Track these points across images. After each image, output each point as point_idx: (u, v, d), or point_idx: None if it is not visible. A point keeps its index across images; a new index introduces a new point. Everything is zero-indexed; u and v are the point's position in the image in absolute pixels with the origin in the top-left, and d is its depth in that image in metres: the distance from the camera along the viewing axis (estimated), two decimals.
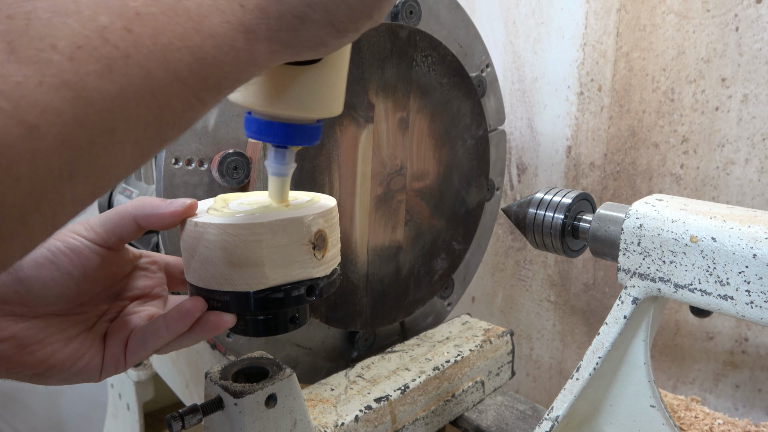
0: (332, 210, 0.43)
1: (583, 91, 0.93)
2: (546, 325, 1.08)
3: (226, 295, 0.39)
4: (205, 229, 0.39)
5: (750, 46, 0.73)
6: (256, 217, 0.39)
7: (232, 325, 0.41)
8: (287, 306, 0.41)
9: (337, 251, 0.45)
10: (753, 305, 0.43)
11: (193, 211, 0.41)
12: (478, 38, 0.79)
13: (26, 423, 1.36)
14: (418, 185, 0.72)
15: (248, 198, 0.45)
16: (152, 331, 0.39)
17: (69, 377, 0.38)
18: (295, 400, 0.52)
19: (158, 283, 0.46)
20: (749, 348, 0.79)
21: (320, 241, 0.41)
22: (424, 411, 0.67)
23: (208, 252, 0.39)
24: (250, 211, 0.41)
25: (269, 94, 0.36)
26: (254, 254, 0.38)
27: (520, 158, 1.06)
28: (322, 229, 0.41)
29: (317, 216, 0.41)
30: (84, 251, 0.38)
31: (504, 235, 1.13)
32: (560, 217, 0.56)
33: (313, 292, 0.42)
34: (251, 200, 0.44)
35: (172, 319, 0.39)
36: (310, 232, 0.40)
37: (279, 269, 0.39)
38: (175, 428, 0.45)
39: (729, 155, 0.77)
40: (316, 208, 0.42)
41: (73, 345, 0.38)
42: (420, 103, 0.69)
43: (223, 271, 0.39)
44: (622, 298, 0.51)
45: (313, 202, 0.44)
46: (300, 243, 0.40)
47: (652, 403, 0.53)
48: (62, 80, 0.21)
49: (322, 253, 0.41)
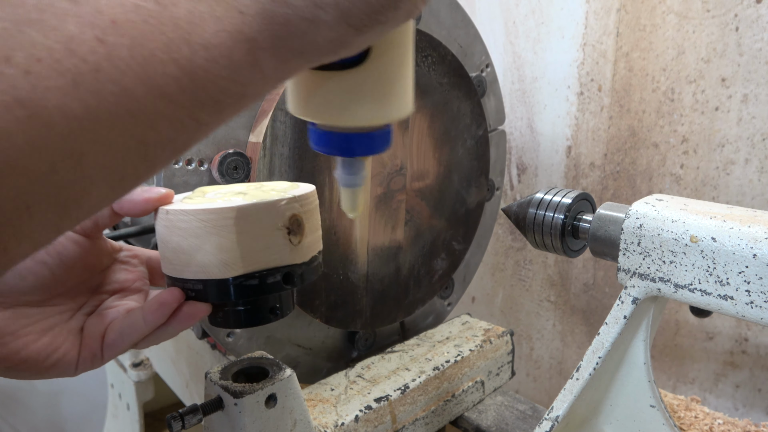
0: (309, 195, 0.42)
1: (583, 91, 0.93)
2: (546, 325, 1.08)
3: (199, 284, 0.39)
4: (176, 216, 0.38)
5: (750, 46, 0.73)
6: (227, 201, 0.39)
7: (206, 313, 0.40)
8: (263, 293, 0.40)
9: (317, 238, 0.44)
10: (753, 305, 0.43)
11: (169, 200, 0.41)
12: (478, 38, 0.79)
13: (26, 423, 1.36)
14: (418, 185, 0.72)
15: (227, 188, 0.45)
16: (129, 323, 0.39)
17: (43, 371, 0.37)
18: (295, 400, 0.52)
19: (139, 277, 0.45)
20: (749, 348, 0.79)
21: (296, 226, 0.40)
22: (424, 411, 0.67)
23: (180, 240, 0.38)
24: (224, 199, 0.40)
25: (320, 105, 0.33)
26: (226, 239, 0.38)
27: (520, 158, 1.06)
28: (298, 213, 0.41)
29: (292, 200, 0.40)
30: (59, 238, 0.37)
31: (504, 235, 1.13)
32: (560, 217, 0.56)
33: (291, 279, 0.41)
34: (230, 190, 0.44)
35: (149, 311, 0.38)
36: (284, 216, 0.40)
37: (253, 255, 0.39)
38: (175, 428, 0.45)
39: (729, 155, 0.77)
40: (293, 193, 0.41)
41: (47, 337, 0.37)
42: (420, 103, 0.69)
43: (195, 258, 0.38)
44: (622, 298, 0.51)
45: (291, 188, 0.44)
46: (274, 228, 0.39)
47: (652, 403, 0.53)
48: (14, 97, 0.19)
49: (298, 239, 0.41)
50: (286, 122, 0.58)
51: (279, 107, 0.57)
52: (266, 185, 0.45)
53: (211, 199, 0.41)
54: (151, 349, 1.04)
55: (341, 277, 0.66)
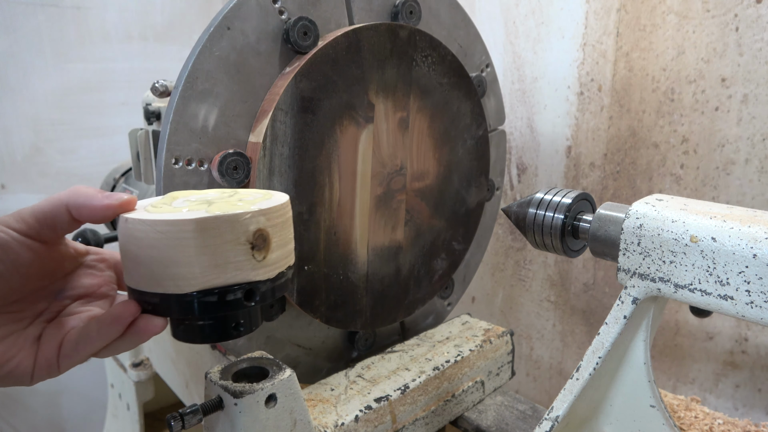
0: (278, 208, 0.40)
1: (583, 91, 0.93)
2: (546, 325, 1.08)
3: (155, 297, 0.37)
4: (134, 225, 0.37)
5: (750, 46, 0.73)
6: (186, 213, 0.37)
7: (161, 330, 0.39)
8: (222, 311, 0.38)
9: (287, 252, 0.42)
10: (753, 305, 0.43)
11: (131, 206, 0.39)
12: (478, 38, 0.79)
13: (26, 423, 1.36)
14: (418, 185, 0.72)
15: (198, 195, 0.43)
16: (85, 335, 0.38)
17: None
18: (295, 400, 0.52)
19: (105, 282, 0.44)
20: (749, 348, 0.79)
21: (261, 241, 0.39)
22: (424, 411, 0.67)
23: (137, 250, 0.37)
24: (189, 208, 0.39)
25: None
26: (183, 253, 0.36)
27: (520, 158, 1.06)
28: (263, 228, 0.39)
29: (257, 214, 0.38)
30: (12, 245, 0.36)
31: (504, 235, 1.13)
32: (560, 217, 0.56)
33: (253, 297, 0.39)
34: (200, 197, 0.42)
35: (104, 324, 0.37)
36: (247, 231, 0.38)
37: (211, 270, 0.37)
38: (175, 428, 0.45)
39: (729, 155, 0.77)
40: (260, 205, 0.39)
41: (2, 346, 0.36)
42: (420, 103, 0.69)
43: (152, 270, 0.37)
44: (622, 298, 0.50)
45: (262, 199, 0.42)
46: (235, 243, 0.37)
47: (652, 403, 0.53)
48: None
49: (263, 255, 0.39)
50: (286, 122, 0.58)
51: (279, 107, 0.57)
52: (241, 193, 0.44)
53: (176, 209, 0.39)
54: (151, 349, 1.04)
55: (341, 277, 0.66)
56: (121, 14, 1.34)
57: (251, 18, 0.57)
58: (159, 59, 1.41)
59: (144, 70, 1.39)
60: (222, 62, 0.55)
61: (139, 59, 1.39)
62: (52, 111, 1.28)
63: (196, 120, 0.55)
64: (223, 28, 0.55)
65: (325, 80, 0.60)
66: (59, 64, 1.27)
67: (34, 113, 1.26)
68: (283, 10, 0.59)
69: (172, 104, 0.53)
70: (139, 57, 1.39)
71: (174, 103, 0.53)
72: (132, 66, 1.38)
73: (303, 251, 0.62)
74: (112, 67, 1.35)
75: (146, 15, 1.38)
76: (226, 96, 0.56)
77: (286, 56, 0.60)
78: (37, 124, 1.27)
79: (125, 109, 1.37)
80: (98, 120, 1.35)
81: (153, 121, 0.77)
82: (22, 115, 1.25)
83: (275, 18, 0.58)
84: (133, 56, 1.38)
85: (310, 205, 0.61)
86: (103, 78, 1.34)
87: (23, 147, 1.26)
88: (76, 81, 1.30)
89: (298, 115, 0.59)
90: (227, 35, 0.55)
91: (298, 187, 0.60)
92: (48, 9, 1.24)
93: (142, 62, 1.39)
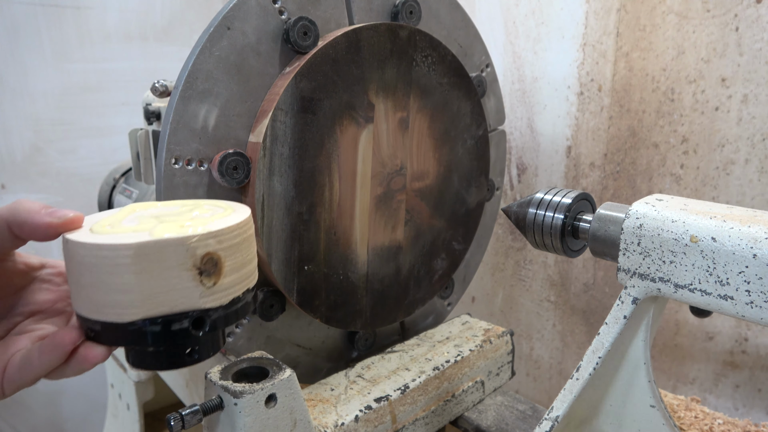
0: (232, 228, 0.37)
1: (583, 91, 0.93)
2: (546, 325, 1.08)
3: (97, 325, 0.35)
4: (74, 248, 0.34)
5: (750, 46, 0.72)
6: (126, 236, 0.34)
7: (102, 360, 0.37)
8: (168, 341, 0.36)
9: (245, 275, 0.39)
10: (753, 305, 0.43)
11: (76, 225, 0.37)
12: (478, 38, 0.79)
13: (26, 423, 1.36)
14: (418, 185, 0.72)
15: (156, 210, 0.41)
16: (27, 361, 0.36)
17: None
18: (295, 400, 0.52)
19: (61, 297, 0.41)
20: (749, 348, 0.79)
21: (210, 266, 0.36)
22: (424, 411, 0.67)
23: (78, 274, 0.35)
24: (134, 228, 0.36)
25: None
26: (122, 280, 0.34)
27: (520, 158, 1.06)
28: (213, 252, 0.36)
29: (205, 237, 0.35)
30: None
31: (504, 235, 1.13)
32: (560, 217, 0.56)
33: (202, 326, 0.36)
34: (155, 213, 0.40)
35: (44, 352, 0.35)
36: (194, 255, 0.35)
37: (155, 298, 0.34)
38: (175, 428, 0.45)
39: (729, 155, 0.77)
40: (210, 227, 0.36)
41: None
42: (420, 103, 0.69)
43: (92, 297, 0.35)
44: (622, 298, 0.50)
45: (219, 216, 0.39)
46: (181, 268, 0.35)
47: (652, 403, 0.53)
48: None
49: (213, 280, 0.36)
50: (286, 122, 0.58)
51: (279, 107, 0.57)
52: (202, 206, 0.42)
53: (121, 230, 0.36)
54: None
55: (341, 277, 0.66)
56: (121, 14, 1.34)
57: (251, 18, 0.57)
58: (159, 59, 1.41)
59: (144, 70, 1.39)
60: (222, 62, 0.55)
61: (139, 59, 1.39)
62: (52, 111, 1.28)
63: (196, 120, 0.55)
64: (223, 28, 0.55)
65: (325, 80, 0.60)
66: (59, 64, 1.27)
67: (34, 113, 1.26)
68: (283, 10, 0.59)
69: (172, 104, 0.53)
70: (139, 57, 1.39)
71: (174, 103, 0.53)
72: (132, 66, 1.38)
73: (303, 251, 0.62)
74: (112, 67, 1.35)
75: (146, 15, 1.38)
76: (226, 96, 0.56)
77: (286, 56, 0.60)
78: (37, 124, 1.27)
79: (125, 109, 1.37)
80: (98, 120, 1.35)
81: (153, 121, 0.77)
82: (22, 115, 1.25)
83: (275, 18, 0.58)
84: (133, 56, 1.38)
85: (310, 205, 0.61)
86: (103, 78, 1.34)
87: (23, 147, 1.26)
88: (76, 81, 1.30)
89: (298, 115, 0.59)
90: (227, 35, 0.55)
91: (298, 187, 0.60)
92: (48, 9, 1.24)
93: (142, 62, 1.39)
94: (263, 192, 0.58)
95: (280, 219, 0.59)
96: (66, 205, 1.32)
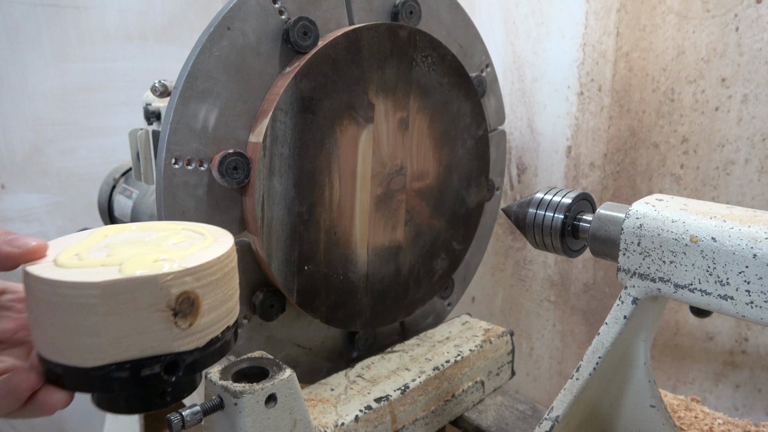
0: (212, 263, 0.33)
1: (583, 91, 0.93)
2: (546, 325, 1.08)
3: (59, 368, 0.32)
4: (34, 284, 0.31)
5: (750, 46, 0.72)
6: (93, 273, 0.31)
7: (65, 405, 0.34)
8: (137, 388, 0.32)
9: (225, 312, 0.35)
10: (753, 305, 0.43)
11: (38, 255, 0.33)
12: (478, 38, 0.79)
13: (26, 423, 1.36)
14: (418, 185, 0.72)
15: (131, 234, 0.37)
16: None
17: None
18: (295, 400, 0.52)
19: (23, 326, 0.38)
20: (749, 348, 0.79)
21: (186, 306, 0.32)
22: (424, 411, 0.67)
23: (39, 312, 0.31)
24: (103, 262, 0.32)
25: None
26: (87, 322, 0.30)
27: (520, 158, 1.06)
28: (190, 290, 0.32)
29: (182, 274, 0.31)
30: None
31: (504, 235, 1.13)
32: (560, 217, 0.56)
33: (175, 370, 0.33)
34: (129, 238, 0.36)
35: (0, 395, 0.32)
36: (168, 295, 0.31)
37: (122, 342, 0.31)
38: (175, 428, 0.45)
39: (729, 155, 0.77)
40: (186, 262, 0.32)
41: None
42: (420, 103, 0.69)
43: (54, 337, 0.31)
44: (622, 298, 0.50)
45: (200, 246, 0.35)
46: (153, 309, 0.31)
47: (652, 403, 0.53)
48: None
49: (189, 321, 0.32)
50: (286, 122, 0.58)
51: (279, 107, 0.57)
52: (180, 231, 0.38)
53: (89, 262, 0.33)
54: None
55: (341, 277, 0.66)
56: (121, 14, 1.34)
57: (251, 18, 0.57)
58: (159, 59, 1.41)
59: (144, 70, 1.39)
60: (222, 62, 0.55)
61: (139, 59, 1.39)
62: (52, 111, 1.28)
63: (196, 120, 0.55)
64: (223, 28, 0.55)
65: (325, 80, 0.60)
66: (59, 64, 1.27)
67: (34, 113, 1.26)
68: (283, 10, 0.59)
69: (172, 104, 0.53)
70: (139, 57, 1.39)
71: (174, 103, 0.53)
72: (132, 66, 1.38)
73: (303, 251, 0.62)
74: (112, 67, 1.35)
75: (146, 15, 1.38)
76: (226, 96, 0.56)
77: (286, 56, 0.60)
78: (37, 124, 1.27)
79: (125, 109, 1.37)
80: (98, 120, 1.35)
81: (153, 121, 0.77)
82: (22, 115, 1.25)
83: (275, 18, 0.58)
84: (133, 56, 1.38)
85: (310, 205, 0.61)
86: (103, 78, 1.34)
87: (23, 147, 1.26)
88: (76, 81, 1.30)
89: (298, 115, 0.59)
90: (227, 35, 0.55)
91: (298, 187, 0.60)
92: (48, 9, 1.24)
93: (142, 62, 1.39)
94: (263, 192, 0.58)
95: (280, 219, 0.59)
96: (66, 204, 1.32)
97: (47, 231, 1.32)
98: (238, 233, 0.60)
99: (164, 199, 0.54)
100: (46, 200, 1.31)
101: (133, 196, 1.01)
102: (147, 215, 0.95)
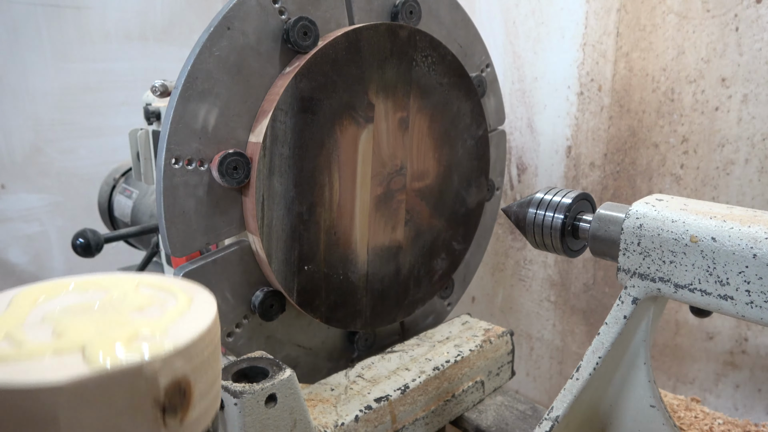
0: (204, 336, 0.24)
1: (583, 91, 0.93)
2: (546, 325, 1.08)
3: None
4: None
5: (750, 46, 0.72)
6: (50, 366, 0.21)
7: None
8: None
9: (213, 397, 0.26)
10: (753, 305, 0.43)
11: None
12: (478, 38, 0.79)
13: None
14: (418, 185, 0.72)
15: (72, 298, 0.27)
16: None
17: None
18: (295, 400, 0.52)
19: None
20: (749, 348, 0.79)
21: (177, 399, 0.23)
22: (424, 411, 0.67)
23: None
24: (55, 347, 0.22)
25: None
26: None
27: (520, 158, 1.06)
28: (182, 376, 0.23)
29: (172, 357, 0.22)
30: None
31: (504, 235, 1.13)
32: (560, 217, 0.56)
33: None
34: (74, 304, 0.26)
35: None
36: (155, 388, 0.22)
37: None
38: None
39: (729, 155, 0.77)
40: (178, 338, 0.23)
41: None
42: (420, 103, 0.69)
43: None
44: (622, 298, 0.50)
45: (176, 311, 0.26)
46: (137, 408, 0.22)
47: (652, 403, 0.53)
48: None
49: (179, 417, 0.23)
50: (286, 122, 0.58)
51: (279, 107, 0.57)
52: (137, 288, 0.28)
53: (30, 348, 0.22)
54: None
55: (341, 277, 0.66)
56: (121, 14, 1.34)
57: (251, 18, 0.57)
58: (159, 59, 1.42)
59: (144, 70, 1.40)
60: (222, 62, 0.55)
61: (139, 59, 1.39)
62: (52, 111, 1.28)
63: (196, 120, 0.55)
64: (223, 28, 0.55)
65: (325, 80, 0.60)
66: (59, 64, 1.27)
67: (34, 113, 1.26)
68: (283, 10, 0.59)
69: (172, 104, 0.53)
70: (139, 57, 1.39)
71: (174, 103, 0.53)
72: (132, 66, 1.38)
73: (303, 251, 0.62)
74: (112, 67, 1.35)
75: (146, 15, 1.38)
76: (226, 96, 0.56)
77: (286, 56, 0.60)
78: (37, 124, 1.27)
79: (125, 109, 1.37)
80: (98, 120, 1.35)
81: (153, 121, 0.77)
82: (22, 115, 1.25)
83: (275, 18, 0.58)
84: (133, 56, 1.38)
85: (310, 205, 0.61)
86: (103, 78, 1.34)
87: (23, 147, 1.26)
88: (76, 81, 1.30)
89: (298, 115, 0.59)
90: (227, 35, 0.55)
91: (298, 187, 0.60)
92: (48, 9, 1.24)
93: (142, 62, 1.39)
94: (263, 192, 0.58)
95: (280, 219, 0.59)
96: (66, 204, 1.33)
97: (47, 231, 1.32)
98: (238, 233, 0.60)
99: (164, 199, 0.54)
100: (46, 200, 1.31)
101: (133, 196, 1.01)
102: (147, 215, 0.95)
